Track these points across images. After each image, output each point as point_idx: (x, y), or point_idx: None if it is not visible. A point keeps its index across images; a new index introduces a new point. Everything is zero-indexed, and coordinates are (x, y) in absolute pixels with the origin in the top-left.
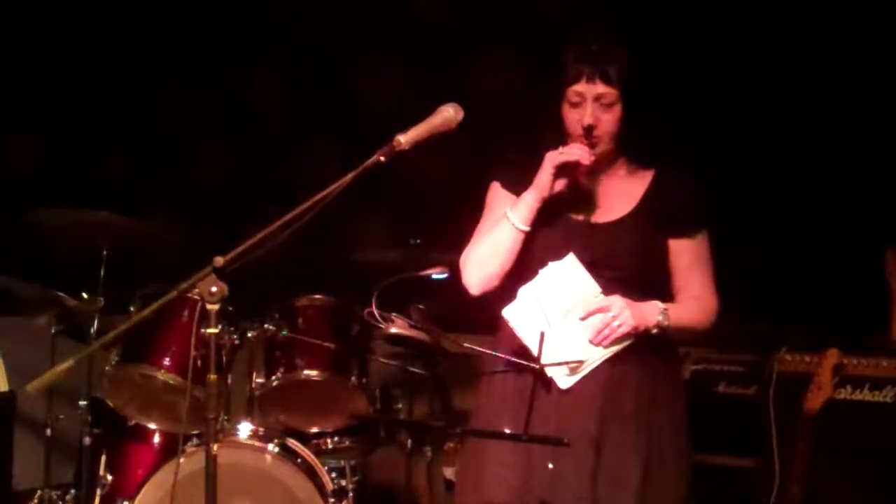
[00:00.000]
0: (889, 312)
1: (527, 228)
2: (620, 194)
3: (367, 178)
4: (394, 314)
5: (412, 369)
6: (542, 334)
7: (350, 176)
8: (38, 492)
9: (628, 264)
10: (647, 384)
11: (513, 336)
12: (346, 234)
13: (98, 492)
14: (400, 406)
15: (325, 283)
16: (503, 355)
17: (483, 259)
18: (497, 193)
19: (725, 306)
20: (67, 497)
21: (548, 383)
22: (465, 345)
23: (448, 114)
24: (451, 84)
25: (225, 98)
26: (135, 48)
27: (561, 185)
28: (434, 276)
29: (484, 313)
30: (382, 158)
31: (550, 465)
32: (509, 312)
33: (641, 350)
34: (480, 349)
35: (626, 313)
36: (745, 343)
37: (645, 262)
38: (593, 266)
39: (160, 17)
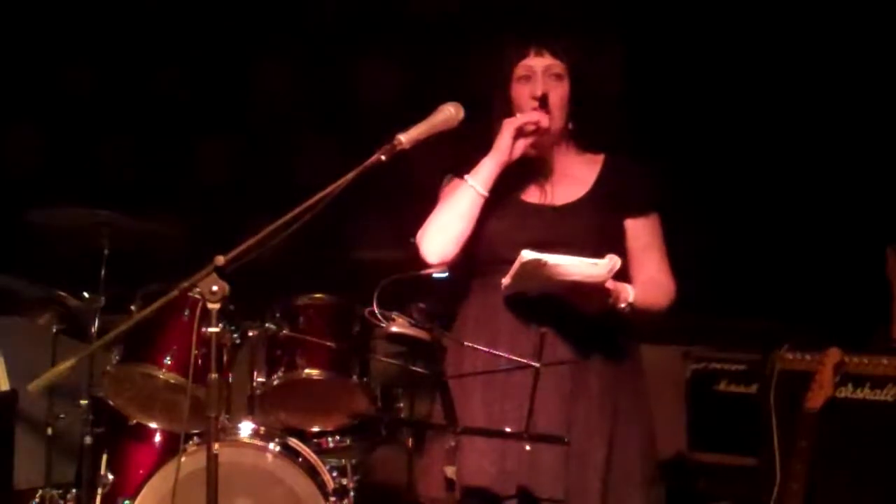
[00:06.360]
0: (890, 311)
1: (486, 193)
2: (573, 178)
3: (367, 176)
4: (395, 313)
5: (413, 368)
6: (543, 335)
7: (351, 175)
8: (40, 491)
9: (587, 244)
10: (611, 368)
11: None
12: (347, 233)
13: (99, 491)
14: (401, 405)
15: (325, 282)
16: (503, 354)
17: (443, 224)
18: (453, 184)
19: (726, 305)
20: (68, 496)
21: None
22: (466, 343)
23: (449, 112)
24: (451, 83)
25: (226, 97)
26: (135, 47)
27: (520, 150)
28: (434, 276)
29: None
30: (383, 157)
31: (528, 447)
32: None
33: (605, 335)
34: (481, 348)
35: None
36: (746, 341)
37: (603, 244)
38: (552, 248)
39: (161, 15)
